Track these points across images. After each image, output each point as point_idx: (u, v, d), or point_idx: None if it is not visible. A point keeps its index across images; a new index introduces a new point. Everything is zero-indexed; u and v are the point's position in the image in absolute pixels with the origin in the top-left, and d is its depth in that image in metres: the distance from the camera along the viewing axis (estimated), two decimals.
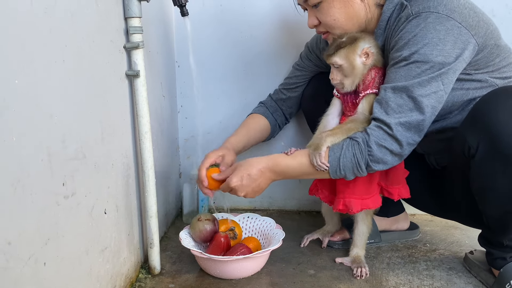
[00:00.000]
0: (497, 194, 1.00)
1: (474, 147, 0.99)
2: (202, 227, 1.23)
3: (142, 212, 1.21)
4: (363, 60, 1.10)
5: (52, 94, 0.75)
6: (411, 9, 1.03)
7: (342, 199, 1.17)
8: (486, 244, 1.14)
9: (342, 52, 1.10)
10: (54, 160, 0.76)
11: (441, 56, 1.00)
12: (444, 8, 1.00)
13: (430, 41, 0.99)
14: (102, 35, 0.95)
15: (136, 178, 1.17)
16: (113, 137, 1.02)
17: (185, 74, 1.64)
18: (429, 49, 0.99)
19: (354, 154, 1.04)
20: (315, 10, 1.14)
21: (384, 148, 1.03)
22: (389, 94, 1.03)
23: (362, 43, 1.09)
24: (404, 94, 1.01)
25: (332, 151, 1.06)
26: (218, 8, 1.57)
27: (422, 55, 1.00)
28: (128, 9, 1.05)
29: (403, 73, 1.02)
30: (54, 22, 0.75)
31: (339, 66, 1.11)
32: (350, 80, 1.12)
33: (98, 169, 0.94)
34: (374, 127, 1.04)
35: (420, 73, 1.00)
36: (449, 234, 1.49)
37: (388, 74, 1.07)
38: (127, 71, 1.08)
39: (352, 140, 1.05)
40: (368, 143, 1.03)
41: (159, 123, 1.39)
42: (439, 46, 0.99)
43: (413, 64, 1.01)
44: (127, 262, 1.12)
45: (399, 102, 1.02)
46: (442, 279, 1.19)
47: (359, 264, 1.22)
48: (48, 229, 0.75)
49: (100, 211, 0.96)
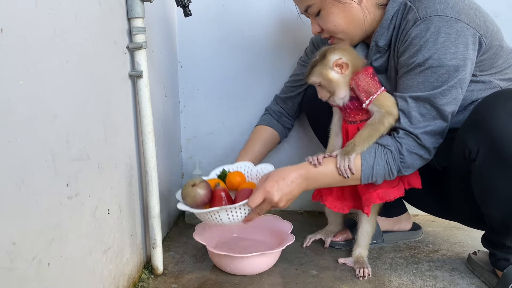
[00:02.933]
0: (499, 197, 1.00)
1: (475, 150, 0.99)
2: (198, 192, 1.14)
3: (145, 212, 1.22)
4: (338, 72, 1.10)
5: (56, 94, 0.75)
6: (418, 13, 1.03)
7: (375, 192, 1.16)
8: (489, 246, 1.14)
9: (316, 70, 1.12)
10: (58, 160, 0.76)
11: (455, 59, 1.01)
12: (451, 11, 1.00)
13: (442, 45, 1.00)
14: (105, 36, 0.95)
15: (139, 179, 1.17)
16: (116, 138, 1.03)
17: (188, 75, 1.64)
18: (442, 53, 1.00)
19: (387, 162, 1.07)
20: (317, 18, 1.17)
21: (415, 154, 1.07)
22: (411, 104, 1.05)
23: (332, 56, 1.10)
24: (427, 104, 1.04)
25: (365, 160, 1.07)
26: (220, 9, 1.58)
27: (436, 60, 1.01)
28: (131, 9, 1.05)
29: (420, 80, 1.04)
30: (58, 23, 0.75)
31: (319, 84, 1.13)
32: (337, 94, 1.12)
33: (101, 169, 0.94)
34: (403, 136, 1.07)
35: (437, 78, 1.02)
36: (452, 235, 1.49)
37: (403, 81, 1.07)
38: (130, 72, 1.08)
39: (384, 148, 1.07)
40: (400, 151, 1.07)
41: (161, 124, 1.39)
42: (452, 49, 1.00)
43: (429, 70, 1.02)
44: (130, 262, 1.12)
45: (422, 111, 1.05)
46: (444, 279, 1.19)
47: (362, 264, 1.22)
48: (52, 229, 0.75)
49: (103, 211, 0.96)
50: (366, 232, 1.26)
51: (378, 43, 1.15)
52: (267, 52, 1.60)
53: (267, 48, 1.59)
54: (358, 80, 1.10)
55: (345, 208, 1.25)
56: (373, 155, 1.07)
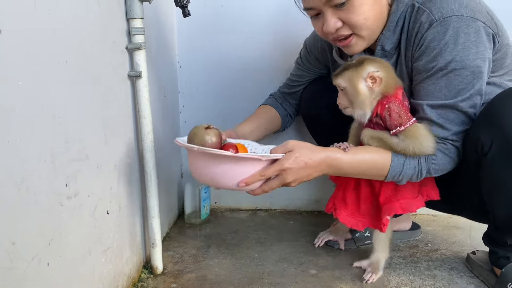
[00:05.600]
0: (507, 193, 1.00)
1: (488, 145, 0.98)
2: (209, 137, 1.00)
3: (144, 212, 1.22)
4: (369, 85, 1.02)
5: (55, 95, 0.76)
6: (433, 14, 0.99)
7: (397, 202, 1.12)
8: (490, 243, 1.14)
9: (347, 74, 1.04)
10: (57, 160, 0.76)
11: (478, 59, 0.98)
12: (466, 10, 0.97)
13: (463, 46, 0.97)
14: (104, 36, 0.96)
15: (138, 179, 1.18)
16: (116, 138, 1.03)
17: (187, 75, 1.64)
18: (464, 54, 0.97)
19: (419, 162, 1.04)
20: (338, 11, 1.02)
21: (448, 157, 1.04)
22: (438, 112, 1.02)
23: (369, 67, 1.02)
24: (454, 109, 1.01)
25: (395, 157, 1.04)
26: (219, 9, 1.58)
27: (459, 62, 0.97)
28: (130, 10, 1.05)
29: (443, 84, 1.00)
30: (57, 23, 0.76)
31: (344, 89, 1.06)
32: (358, 108, 1.06)
33: (100, 169, 0.94)
34: (438, 140, 1.03)
35: (461, 81, 0.99)
36: (451, 234, 1.49)
37: (424, 87, 1.03)
38: (129, 72, 1.09)
39: None
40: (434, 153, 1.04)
41: (161, 123, 1.39)
42: (473, 49, 0.97)
43: (452, 73, 0.99)
44: (129, 262, 1.12)
45: (450, 117, 1.02)
46: (443, 279, 1.19)
47: (375, 269, 1.20)
48: (51, 229, 0.75)
49: (102, 211, 0.96)
50: (381, 238, 1.21)
51: (384, 47, 1.09)
52: (267, 52, 1.60)
53: (267, 48, 1.59)
54: (390, 110, 1.02)
55: (359, 225, 1.18)
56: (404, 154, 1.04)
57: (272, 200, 1.73)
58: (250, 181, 0.99)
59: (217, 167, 0.99)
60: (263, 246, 1.40)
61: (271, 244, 1.42)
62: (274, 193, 1.70)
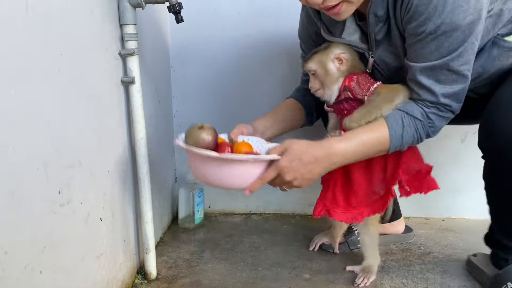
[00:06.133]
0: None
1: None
2: (203, 136, 1.01)
3: (138, 218, 1.22)
4: (336, 66, 1.11)
5: (48, 103, 0.76)
6: None
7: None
8: (492, 245, 1.16)
9: (316, 57, 1.12)
10: (50, 168, 0.76)
11: (469, 15, 0.93)
12: None
13: (452, 6, 0.92)
14: (97, 43, 0.96)
15: (131, 184, 1.18)
16: (109, 144, 1.03)
17: (181, 79, 1.64)
18: (454, 14, 0.93)
19: (416, 129, 1.04)
20: None
21: (442, 118, 1.04)
22: (428, 73, 1.00)
23: (335, 49, 1.11)
24: (444, 70, 0.99)
25: (393, 130, 1.03)
26: (212, 14, 1.58)
27: (449, 24, 0.93)
28: (123, 16, 1.05)
29: (433, 47, 0.97)
30: (50, 30, 0.76)
31: (315, 72, 1.13)
32: (328, 88, 1.12)
33: (94, 176, 0.94)
34: (429, 105, 1.03)
35: (452, 42, 0.96)
36: (443, 237, 1.50)
37: (415, 50, 1.00)
38: (123, 78, 1.09)
39: (411, 117, 1.03)
40: (429, 116, 1.03)
41: (154, 129, 1.39)
42: (463, 6, 0.93)
43: (442, 36, 0.95)
44: (123, 267, 1.12)
45: (440, 78, 1.00)
46: (436, 282, 1.20)
47: (367, 274, 1.20)
48: (44, 237, 0.75)
49: (96, 218, 0.96)
50: (367, 243, 1.23)
51: (377, 13, 1.05)
52: (260, 56, 1.60)
53: (260, 52, 1.60)
54: (356, 77, 1.10)
55: (358, 218, 1.16)
56: (400, 124, 1.03)
57: (265, 204, 1.73)
58: (253, 188, 1.00)
59: (206, 167, 0.99)
60: (257, 250, 1.41)
61: (265, 248, 1.42)
62: (268, 197, 1.72)
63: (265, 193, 1.71)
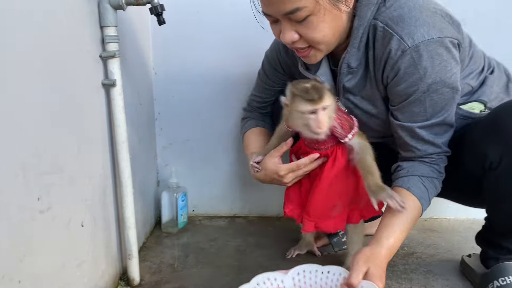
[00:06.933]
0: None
1: (497, 161, 1.01)
2: None
3: (120, 223, 1.19)
4: None
5: (26, 107, 0.74)
6: (405, 41, 0.97)
7: None
8: (483, 244, 1.17)
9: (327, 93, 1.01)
10: (29, 174, 0.74)
11: (453, 75, 1.01)
12: (435, 31, 0.97)
13: (440, 66, 0.99)
14: (77, 45, 0.94)
15: (113, 189, 1.15)
16: (90, 148, 1.01)
17: (163, 81, 1.62)
18: (442, 73, 0.99)
19: (435, 186, 1.08)
20: (297, 24, 0.98)
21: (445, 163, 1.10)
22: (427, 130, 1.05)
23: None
24: (441, 124, 1.05)
25: (419, 196, 1.05)
26: (195, 15, 1.57)
27: (440, 82, 1.00)
28: (103, 18, 1.03)
29: (427, 104, 1.03)
30: (28, 33, 0.74)
31: (327, 108, 1.01)
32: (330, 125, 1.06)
33: (74, 181, 0.92)
34: (436, 157, 1.08)
35: (444, 98, 1.02)
36: (426, 237, 1.52)
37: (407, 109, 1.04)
38: (103, 81, 1.07)
39: (428, 178, 1.07)
40: (440, 172, 1.08)
41: (136, 132, 1.37)
42: (448, 67, 1.00)
43: (434, 93, 1.01)
44: (105, 275, 1.10)
45: (437, 131, 1.06)
46: (419, 282, 1.21)
47: None
48: (23, 245, 0.73)
49: (77, 224, 0.94)
50: (354, 241, 1.23)
51: (350, 64, 1.07)
52: (243, 58, 1.59)
53: (243, 53, 1.59)
54: (339, 115, 1.05)
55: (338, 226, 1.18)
56: (424, 189, 1.06)
57: (250, 206, 1.73)
58: None
59: None
60: (242, 254, 1.40)
61: (250, 251, 1.41)
62: (252, 200, 1.71)
63: (249, 196, 1.71)
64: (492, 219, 1.13)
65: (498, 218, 1.11)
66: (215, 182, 1.71)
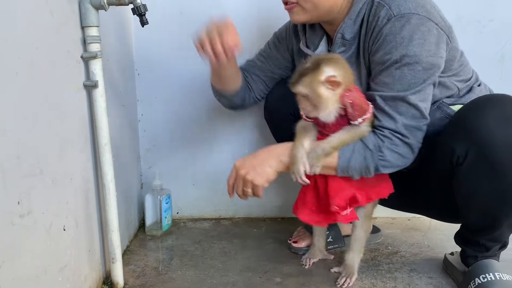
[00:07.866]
0: (483, 199, 1.04)
1: (463, 155, 1.02)
2: None
3: (103, 226, 1.18)
4: (329, 88, 1.01)
5: (5, 109, 0.72)
6: (392, 10, 1.03)
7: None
8: (461, 243, 1.19)
9: (305, 80, 1.01)
10: (9, 177, 0.72)
11: (430, 56, 1.02)
12: (422, 10, 1.02)
13: (417, 42, 1.01)
14: (58, 46, 0.92)
15: (96, 192, 1.14)
16: (71, 151, 0.99)
17: (145, 82, 1.61)
18: (418, 50, 1.01)
19: (365, 158, 1.05)
20: None
21: (396, 153, 1.05)
22: (390, 103, 1.04)
23: (326, 70, 1.00)
24: (404, 102, 1.04)
25: (342, 152, 1.05)
26: (178, 16, 1.56)
27: (413, 57, 1.01)
28: (85, 18, 1.02)
29: (397, 77, 1.03)
30: (7, 32, 0.72)
31: (305, 96, 1.03)
32: (323, 111, 1.04)
33: (55, 184, 0.90)
34: (388, 134, 1.05)
35: (414, 75, 1.02)
36: (410, 236, 1.54)
37: (380, 79, 1.06)
38: (85, 82, 1.05)
39: (362, 144, 1.05)
40: (380, 149, 1.04)
41: (119, 134, 1.35)
42: (426, 46, 1.01)
43: (406, 67, 1.02)
44: (88, 279, 1.08)
45: (401, 110, 1.04)
46: (404, 281, 1.22)
47: (349, 273, 1.21)
48: (2, 250, 0.71)
49: (58, 228, 0.92)
50: (359, 237, 1.21)
51: (344, 35, 1.11)
52: None
53: None
54: (353, 98, 1.02)
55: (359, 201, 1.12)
56: (351, 150, 1.05)
57: (235, 208, 1.72)
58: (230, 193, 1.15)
59: None
60: (227, 256, 1.39)
61: (235, 253, 1.41)
62: (237, 201, 1.69)
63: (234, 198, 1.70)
64: (464, 217, 1.14)
65: (469, 216, 1.12)
66: (199, 184, 1.70)
